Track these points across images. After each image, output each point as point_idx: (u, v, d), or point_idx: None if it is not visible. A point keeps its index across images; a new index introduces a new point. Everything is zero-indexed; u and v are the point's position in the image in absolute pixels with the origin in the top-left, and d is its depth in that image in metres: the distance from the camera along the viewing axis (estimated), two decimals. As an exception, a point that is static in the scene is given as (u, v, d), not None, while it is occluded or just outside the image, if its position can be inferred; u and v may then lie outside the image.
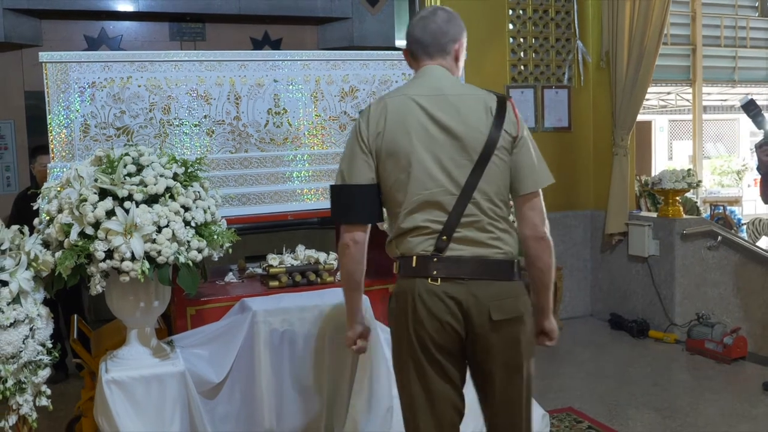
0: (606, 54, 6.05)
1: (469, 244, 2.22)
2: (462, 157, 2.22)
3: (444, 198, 2.21)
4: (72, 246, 2.59)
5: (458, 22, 2.37)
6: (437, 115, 2.23)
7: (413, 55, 2.37)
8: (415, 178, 2.22)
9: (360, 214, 2.31)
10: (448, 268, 2.22)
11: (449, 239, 2.22)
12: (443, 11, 2.36)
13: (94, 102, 3.14)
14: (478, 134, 2.22)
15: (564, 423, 4.05)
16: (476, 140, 2.21)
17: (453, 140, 2.22)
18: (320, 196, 3.47)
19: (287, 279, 3.44)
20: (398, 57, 3.69)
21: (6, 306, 2.57)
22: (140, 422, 2.76)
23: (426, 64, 2.34)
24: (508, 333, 2.26)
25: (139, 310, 2.82)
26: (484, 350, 2.26)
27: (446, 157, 2.21)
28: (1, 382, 2.59)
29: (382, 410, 3.15)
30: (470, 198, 2.20)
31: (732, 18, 7.67)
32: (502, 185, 2.26)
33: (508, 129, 2.24)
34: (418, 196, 2.22)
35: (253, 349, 3.00)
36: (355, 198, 2.29)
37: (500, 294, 2.23)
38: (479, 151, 2.21)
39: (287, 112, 3.46)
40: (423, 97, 2.25)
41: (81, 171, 2.70)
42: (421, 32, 2.33)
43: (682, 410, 4.22)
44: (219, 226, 2.86)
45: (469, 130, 2.22)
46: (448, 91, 2.27)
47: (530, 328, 2.34)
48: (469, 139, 2.21)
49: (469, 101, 2.25)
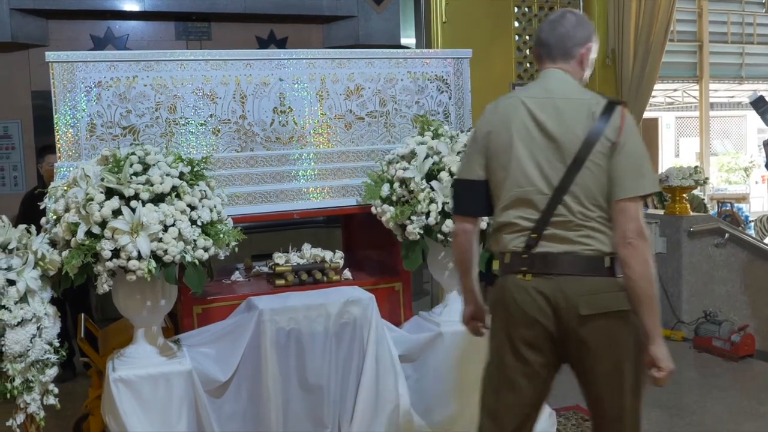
0: (612, 51, 6.04)
1: (559, 242, 2.26)
2: (557, 159, 2.26)
3: (536, 197, 2.27)
4: (79, 245, 2.60)
5: (587, 27, 2.41)
6: (540, 118, 2.29)
7: (537, 57, 2.44)
8: (512, 176, 2.30)
9: (467, 206, 2.45)
10: (537, 264, 2.27)
11: (539, 237, 2.27)
12: (573, 15, 2.40)
13: (101, 101, 3.14)
14: (574, 137, 2.25)
15: (570, 421, 4.04)
16: (572, 143, 2.24)
17: (550, 142, 2.27)
18: (326, 195, 3.47)
19: (293, 278, 3.44)
20: (404, 55, 3.69)
21: (13, 305, 2.58)
22: (147, 420, 2.77)
23: (547, 67, 2.40)
24: (602, 329, 2.24)
25: (145, 309, 2.83)
26: (578, 347, 2.27)
27: (543, 158, 2.27)
28: (9, 381, 2.61)
29: (388, 409, 3.15)
30: (561, 199, 2.25)
31: (739, 14, 7.64)
32: (596, 189, 2.26)
33: (608, 134, 2.25)
34: (513, 192, 2.30)
35: (260, 348, 3.00)
36: (464, 192, 2.44)
37: (590, 289, 2.23)
38: (573, 154, 2.24)
39: (293, 111, 3.46)
40: (531, 99, 2.32)
41: (87, 170, 2.71)
42: (547, 35, 2.38)
43: (689, 408, 4.21)
44: (225, 225, 2.87)
45: (567, 133, 2.26)
46: (557, 94, 2.32)
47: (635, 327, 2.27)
48: (565, 141, 2.25)
49: (573, 105, 2.29)
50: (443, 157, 3.18)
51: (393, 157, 3.35)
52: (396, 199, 3.26)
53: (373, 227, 3.45)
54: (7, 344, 2.56)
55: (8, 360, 2.59)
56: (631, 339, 2.26)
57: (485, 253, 3.23)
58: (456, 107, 3.73)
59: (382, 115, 3.61)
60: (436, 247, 3.30)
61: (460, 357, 3.30)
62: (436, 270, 3.44)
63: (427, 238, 3.21)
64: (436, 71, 3.69)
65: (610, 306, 2.24)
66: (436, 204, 3.11)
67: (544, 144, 2.27)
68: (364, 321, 3.14)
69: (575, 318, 2.23)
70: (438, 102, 3.70)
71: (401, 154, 3.31)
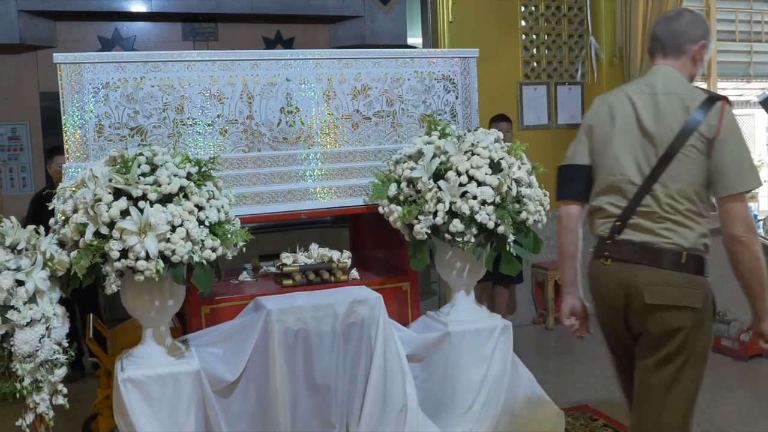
0: (619, 50, 6.02)
1: (641, 231, 2.39)
2: (651, 152, 2.38)
3: (626, 186, 2.41)
4: (87, 245, 2.61)
5: (702, 25, 2.50)
6: (640, 112, 2.42)
7: (650, 52, 2.57)
8: (607, 164, 2.46)
9: (570, 190, 2.60)
10: (617, 251, 2.42)
11: (624, 225, 2.40)
12: (689, 13, 2.51)
13: (108, 102, 3.15)
14: (668, 131, 2.35)
15: (579, 421, 4.04)
16: (666, 136, 2.35)
17: (644, 135, 2.40)
18: (333, 195, 3.47)
19: (301, 277, 3.44)
20: (410, 55, 3.68)
21: (22, 305, 2.59)
22: (156, 420, 2.77)
23: (658, 62, 2.52)
24: (664, 321, 2.36)
25: (153, 309, 2.83)
26: (640, 333, 2.42)
27: (638, 149, 2.40)
28: (18, 381, 2.62)
29: (396, 409, 3.15)
30: (649, 190, 2.36)
31: (747, 12, 7.59)
32: (689, 183, 2.34)
33: (702, 130, 2.32)
34: (605, 180, 2.47)
35: (268, 348, 3.00)
36: (568, 176, 2.60)
37: (659, 281, 2.35)
38: (666, 147, 2.35)
39: (300, 111, 3.46)
40: (636, 94, 2.46)
41: (95, 171, 2.71)
42: (661, 31, 2.51)
43: (698, 407, 4.15)
44: (233, 225, 2.87)
45: (661, 127, 2.37)
46: (659, 89, 2.43)
47: (703, 329, 2.39)
48: (658, 135, 2.37)
49: (671, 100, 2.39)
50: (450, 156, 3.18)
51: (400, 157, 3.35)
52: (403, 199, 3.25)
53: (380, 227, 3.45)
54: (17, 344, 2.57)
55: (17, 360, 2.60)
56: (691, 337, 2.34)
57: (493, 252, 3.24)
58: (463, 107, 3.73)
59: (389, 115, 3.61)
60: (443, 247, 3.29)
61: (468, 357, 3.29)
62: (443, 270, 3.43)
63: (435, 238, 3.21)
64: (443, 71, 3.68)
65: (675, 300, 2.34)
66: (444, 204, 3.10)
67: (640, 137, 2.40)
68: (371, 321, 3.13)
69: (641, 306, 2.36)
70: (445, 101, 3.69)
71: (408, 154, 3.31)
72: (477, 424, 3.27)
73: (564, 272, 2.66)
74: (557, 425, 3.47)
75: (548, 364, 5.25)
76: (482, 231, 3.14)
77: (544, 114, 6.17)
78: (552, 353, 5.59)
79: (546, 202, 3.29)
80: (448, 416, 3.29)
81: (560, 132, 6.21)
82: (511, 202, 3.16)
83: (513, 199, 3.17)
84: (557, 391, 4.27)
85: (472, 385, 3.28)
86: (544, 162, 3.39)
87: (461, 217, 3.09)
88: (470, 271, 3.37)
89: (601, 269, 2.46)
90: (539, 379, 3.63)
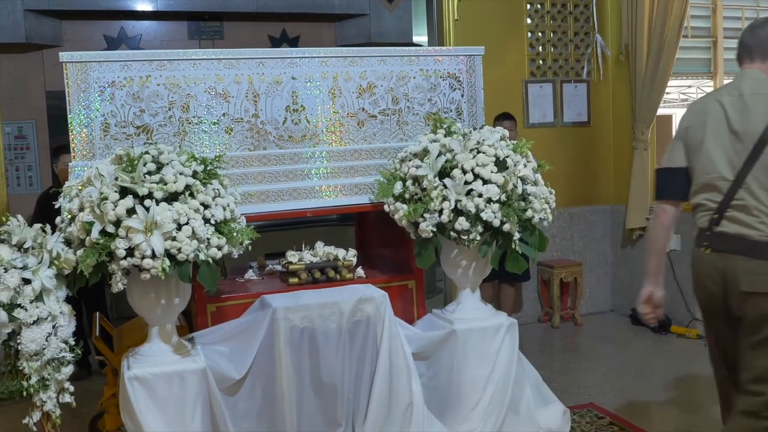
0: (625, 47, 6.00)
1: (736, 224, 2.62)
2: (740, 149, 2.61)
3: (720, 183, 2.65)
4: (93, 244, 2.62)
5: None
6: (730, 114, 2.64)
7: (738, 58, 2.78)
8: (701, 164, 2.71)
9: (667, 191, 2.89)
10: (715, 241, 2.68)
11: (720, 217, 2.65)
12: None
13: (114, 101, 3.16)
14: (755, 130, 2.57)
15: (585, 419, 4.03)
16: (753, 134, 2.58)
17: (733, 134, 2.63)
18: (339, 193, 3.47)
19: (307, 276, 3.44)
20: (416, 53, 3.68)
21: (29, 304, 2.60)
22: (162, 418, 2.78)
23: (745, 67, 2.75)
24: (758, 306, 2.56)
25: (160, 308, 2.84)
26: (739, 317, 2.63)
27: (729, 149, 2.63)
28: (25, 379, 2.62)
29: (402, 407, 3.15)
30: (742, 185, 2.59)
31: (753, 9, 7.56)
32: None
33: None
34: (701, 178, 2.72)
35: (273, 346, 3.01)
36: (666, 178, 2.88)
37: (755, 270, 2.56)
38: (753, 144, 2.57)
39: (305, 109, 3.46)
40: (725, 97, 2.68)
41: (102, 170, 2.72)
42: (748, 37, 2.74)
43: (704, 406, 4.18)
44: (238, 224, 2.88)
45: (748, 126, 2.59)
46: (746, 91, 2.65)
47: None
48: (746, 133, 2.59)
49: (758, 100, 2.62)
50: (456, 154, 3.17)
51: (406, 155, 3.35)
52: (409, 197, 3.25)
53: (386, 225, 3.45)
54: (23, 343, 2.58)
55: (24, 358, 2.61)
56: None
57: (498, 250, 3.23)
58: (469, 104, 3.72)
59: (394, 113, 3.61)
60: (449, 245, 3.29)
61: (474, 355, 3.29)
62: (449, 268, 3.43)
63: (440, 236, 3.21)
64: (449, 69, 3.68)
65: None
66: (449, 201, 3.10)
67: (730, 137, 2.63)
68: (377, 319, 3.14)
69: (738, 294, 2.59)
70: (450, 99, 3.69)
71: (414, 152, 3.30)
72: (483, 422, 3.27)
73: (648, 262, 2.94)
74: (563, 423, 3.47)
75: (554, 362, 5.25)
76: (488, 229, 3.13)
77: (549, 112, 6.16)
78: (558, 351, 5.58)
79: (551, 200, 3.29)
80: (454, 414, 3.29)
81: (566, 130, 6.19)
82: (517, 200, 3.15)
83: (518, 197, 3.16)
84: (563, 389, 4.27)
85: (478, 383, 3.28)
86: (550, 160, 3.38)
87: (467, 215, 3.09)
88: (476, 269, 3.37)
89: (702, 257, 2.73)
90: (545, 377, 3.62)
